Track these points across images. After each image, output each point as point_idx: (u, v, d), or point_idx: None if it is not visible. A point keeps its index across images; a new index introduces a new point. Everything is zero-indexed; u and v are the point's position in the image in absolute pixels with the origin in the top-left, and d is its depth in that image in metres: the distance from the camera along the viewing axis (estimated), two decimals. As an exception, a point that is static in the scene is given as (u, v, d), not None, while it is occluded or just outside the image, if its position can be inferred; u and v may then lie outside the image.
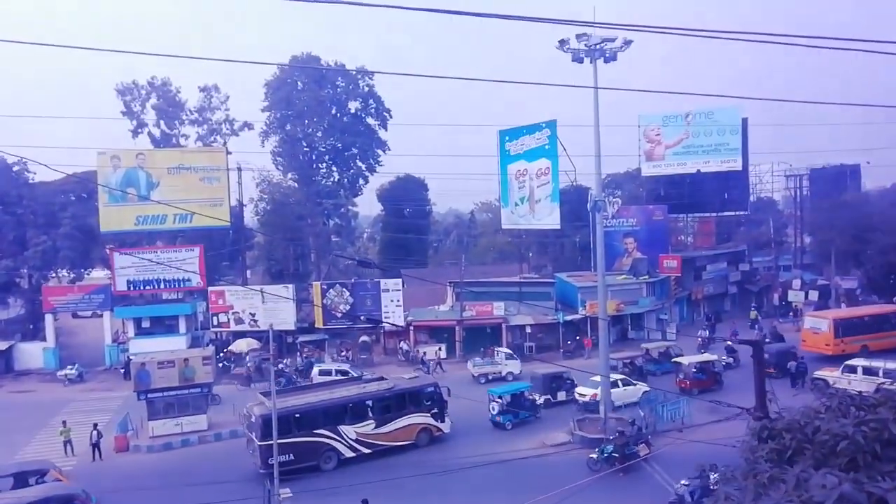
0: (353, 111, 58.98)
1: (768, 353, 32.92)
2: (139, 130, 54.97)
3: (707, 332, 44.13)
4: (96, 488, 22.60)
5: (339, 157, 58.94)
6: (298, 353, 42.98)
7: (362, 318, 43.04)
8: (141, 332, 43.97)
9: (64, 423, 28.35)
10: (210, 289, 45.19)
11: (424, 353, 40.83)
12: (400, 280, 44.99)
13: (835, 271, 54.03)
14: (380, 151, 59.65)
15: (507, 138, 50.89)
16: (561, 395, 32.01)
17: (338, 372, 34.91)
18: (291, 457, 24.05)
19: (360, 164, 59.93)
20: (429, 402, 27.69)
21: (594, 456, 23.66)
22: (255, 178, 56.07)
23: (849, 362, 31.16)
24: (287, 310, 43.69)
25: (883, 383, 5.65)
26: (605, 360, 29.07)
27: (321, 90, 57.02)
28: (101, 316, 45.89)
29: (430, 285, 44.31)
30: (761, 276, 57.35)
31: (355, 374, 33.58)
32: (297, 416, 25.06)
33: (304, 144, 58.32)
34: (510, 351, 39.86)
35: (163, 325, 44.37)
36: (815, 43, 9.17)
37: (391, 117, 59.20)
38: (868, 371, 28.77)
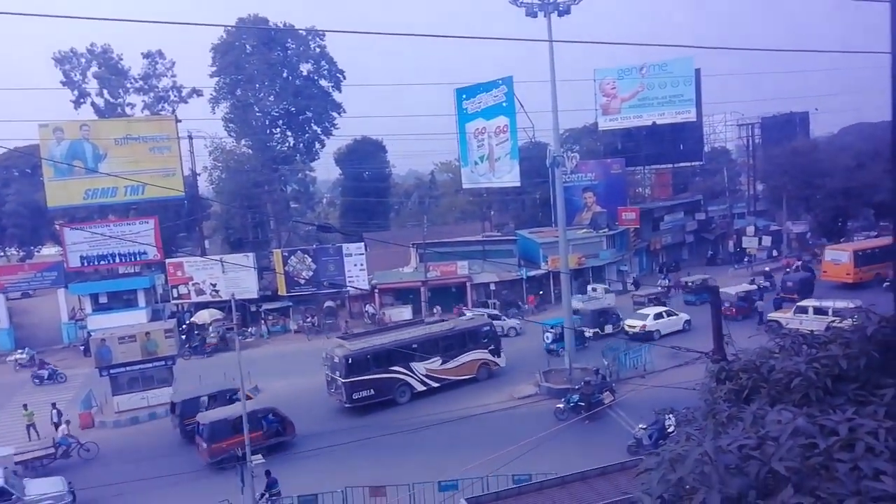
0: (305, 73, 57.53)
1: (792, 281, 38.29)
2: (81, 101, 52.86)
3: (667, 281, 45.35)
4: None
5: (294, 121, 57.69)
6: (263, 321, 42.70)
7: (326, 283, 42.83)
8: (98, 307, 42.93)
9: (25, 406, 27.65)
10: (168, 261, 44.24)
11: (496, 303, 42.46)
12: (362, 244, 44.72)
13: (786, 216, 55.61)
14: (335, 114, 58.53)
15: (464, 97, 50.42)
16: (608, 328, 34.55)
17: (489, 315, 35.92)
18: (371, 392, 26.81)
19: (315, 127, 58.77)
20: (486, 340, 29.82)
21: (561, 406, 24.28)
22: (208, 146, 54.57)
23: (800, 303, 32.62)
24: (249, 278, 43.13)
25: (833, 321, 5.88)
26: (569, 312, 29.81)
27: (271, 53, 55.38)
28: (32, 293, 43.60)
29: (394, 248, 44.22)
30: (717, 224, 58.71)
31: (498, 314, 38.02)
32: (375, 355, 27.11)
33: (257, 109, 56.85)
34: (606, 286, 42.67)
35: (121, 300, 43.38)
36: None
37: (345, 78, 58.03)
38: (819, 311, 29.94)
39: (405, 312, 42.70)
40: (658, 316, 34.29)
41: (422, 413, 25.45)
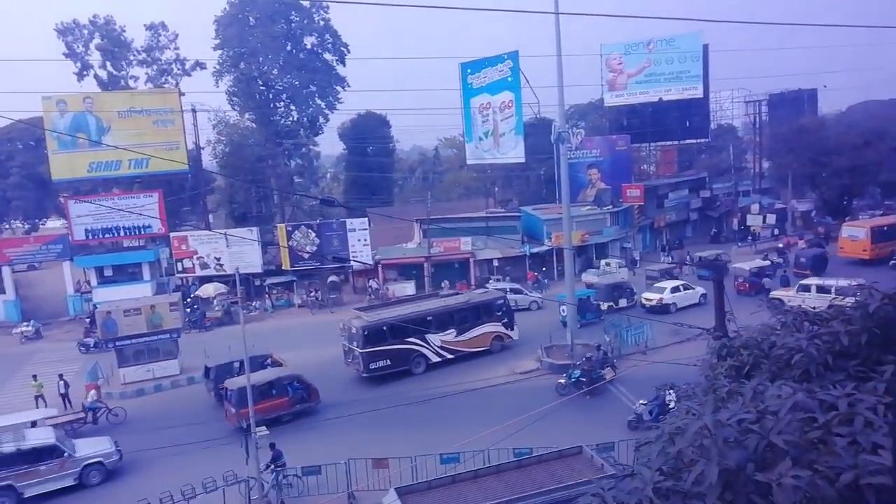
0: (309, 47, 56.97)
1: (805, 257, 38.68)
2: (84, 73, 52.48)
3: (670, 259, 45.39)
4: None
5: (297, 95, 57.26)
6: (266, 296, 42.91)
7: (329, 258, 42.92)
8: (104, 280, 43.11)
9: (34, 377, 27.83)
10: (172, 234, 44.35)
11: (537, 274, 42.86)
12: (366, 219, 44.72)
13: (791, 194, 55.35)
14: (339, 88, 58.08)
15: (469, 71, 49.93)
16: (622, 302, 34.98)
17: (511, 290, 36.75)
18: (388, 362, 27.36)
19: (319, 101, 58.32)
20: (499, 313, 30.24)
21: (562, 381, 24.43)
22: (212, 120, 54.26)
23: (803, 282, 32.63)
24: (253, 253, 43.25)
25: (835, 299, 5.90)
26: (571, 289, 29.80)
27: (274, 25, 54.81)
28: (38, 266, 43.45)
29: (397, 223, 44.17)
30: (721, 202, 58.54)
31: (526, 290, 38.58)
32: (391, 327, 27.55)
33: (260, 83, 56.44)
34: (621, 260, 43.31)
35: (126, 273, 43.53)
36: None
37: (349, 52, 57.49)
38: (821, 289, 29.95)
39: (408, 288, 42.82)
40: (675, 289, 34.58)
41: (435, 384, 25.87)
